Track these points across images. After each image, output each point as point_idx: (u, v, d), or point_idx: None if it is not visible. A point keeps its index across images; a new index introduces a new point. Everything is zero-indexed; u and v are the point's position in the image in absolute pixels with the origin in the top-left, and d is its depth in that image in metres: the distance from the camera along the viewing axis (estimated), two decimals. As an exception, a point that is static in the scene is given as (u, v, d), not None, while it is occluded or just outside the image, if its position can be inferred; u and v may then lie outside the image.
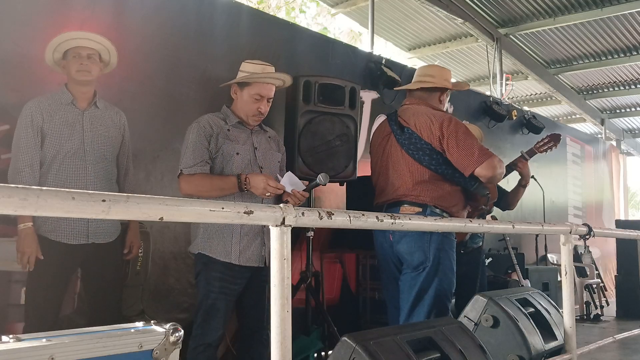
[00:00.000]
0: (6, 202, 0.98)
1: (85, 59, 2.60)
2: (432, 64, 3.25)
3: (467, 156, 2.69)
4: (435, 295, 2.66)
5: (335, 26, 14.04)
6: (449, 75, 3.07)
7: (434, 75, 3.00)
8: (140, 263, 3.00)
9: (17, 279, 2.69)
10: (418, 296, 2.68)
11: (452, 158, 2.72)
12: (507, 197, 3.86)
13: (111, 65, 2.74)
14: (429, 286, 2.67)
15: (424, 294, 2.68)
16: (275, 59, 4.10)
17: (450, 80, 3.05)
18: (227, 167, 2.60)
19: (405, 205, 2.76)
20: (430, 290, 2.67)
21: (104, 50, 2.66)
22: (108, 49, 2.67)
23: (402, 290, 2.76)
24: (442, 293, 2.68)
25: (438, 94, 2.98)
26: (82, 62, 2.59)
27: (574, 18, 7.15)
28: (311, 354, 3.41)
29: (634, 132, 12.08)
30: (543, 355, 2.45)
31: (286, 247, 1.40)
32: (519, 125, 7.05)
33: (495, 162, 2.70)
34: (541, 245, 6.40)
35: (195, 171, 2.53)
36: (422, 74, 3.05)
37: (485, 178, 2.71)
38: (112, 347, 1.27)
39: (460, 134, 2.73)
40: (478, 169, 2.67)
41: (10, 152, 2.59)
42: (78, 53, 2.59)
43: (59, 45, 2.59)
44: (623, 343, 4.39)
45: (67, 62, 2.61)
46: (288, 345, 1.38)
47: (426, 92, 2.97)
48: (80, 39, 2.59)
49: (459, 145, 2.70)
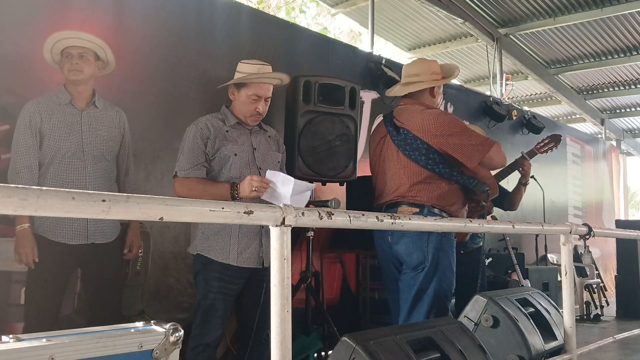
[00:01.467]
0: (6, 202, 0.98)
1: (77, 58, 2.59)
2: (416, 60, 3.11)
3: (470, 145, 2.68)
4: (434, 295, 2.66)
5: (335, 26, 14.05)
6: (435, 67, 2.96)
7: (419, 73, 2.92)
8: (140, 263, 3.00)
9: (17, 279, 2.69)
10: (417, 296, 2.68)
11: (454, 151, 2.70)
12: (509, 197, 3.85)
13: (111, 65, 2.74)
14: (427, 286, 2.67)
15: (422, 294, 2.67)
16: (275, 59, 4.10)
17: (437, 72, 2.94)
18: (225, 168, 2.59)
19: (403, 206, 2.75)
20: (429, 290, 2.66)
21: (98, 48, 2.65)
22: (101, 46, 2.66)
23: (401, 290, 2.76)
24: (442, 293, 2.68)
25: (428, 89, 2.92)
26: (73, 61, 2.59)
27: (574, 18, 7.15)
28: (311, 354, 3.41)
29: (634, 132, 12.08)
30: (543, 355, 2.45)
31: (286, 247, 1.40)
32: (519, 125, 7.05)
33: (500, 147, 2.73)
34: (541, 245, 6.40)
35: (190, 174, 2.54)
36: (407, 74, 2.97)
37: (492, 163, 2.74)
38: (112, 347, 1.27)
39: (458, 126, 2.74)
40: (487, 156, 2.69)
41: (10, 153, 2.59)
42: (69, 53, 2.59)
43: (53, 45, 2.59)
44: (623, 343, 4.39)
45: (62, 62, 2.62)
46: (288, 345, 1.38)
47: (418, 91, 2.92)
48: (71, 38, 2.59)
49: (461, 136, 2.70)
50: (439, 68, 2.97)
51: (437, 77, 2.93)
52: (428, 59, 3.10)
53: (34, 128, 2.52)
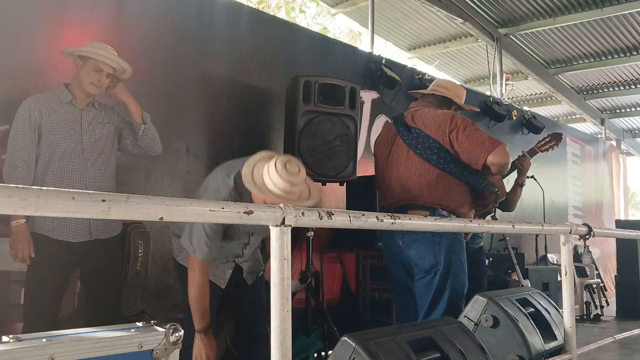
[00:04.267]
0: (6, 202, 0.98)
1: (104, 77, 2.65)
2: (449, 80, 3.30)
3: (478, 145, 2.71)
4: (449, 297, 2.70)
5: (335, 26, 14.05)
6: (462, 93, 3.09)
7: (448, 88, 3.04)
8: (140, 263, 3.00)
9: (17, 279, 2.69)
10: (434, 299, 2.71)
11: (462, 149, 2.73)
12: (506, 199, 3.84)
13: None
14: (443, 288, 2.71)
15: (439, 297, 2.71)
16: (275, 59, 4.11)
17: (462, 98, 3.07)
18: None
19: (414, 209, 2.77)
20: (445, 293, 2.70)
21: (121, 70, 2.72)
22: (126, 70, 2.73)
23: (418, 296, 2.79)
24: (456, 294, 2.72)
25: (447, 105, 3.00)
26: (100, 78, 2.64)
27: (574, 18, 7.15)
28: (311, 354, 3.41)
29: (634, 132, 12.08)
30: (543, 355, 2.45)
31: (286, 247, 1.40)
32: (519, 125, 7.05)
33: (505, 149, 2.74)
34: (541, 245, 6.39)
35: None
36: (437, 84, 3.09)
37: (497, 166, 2.73)
38: (112, 347, 1.28)
39: (468, 126, 2.76)
40: (490, 157, 2.69)
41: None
42: (100, 68, 2.63)
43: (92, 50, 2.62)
44: (623, 343, 4.39)
45: (83, 67, 2.63)
46: (288, 345, 1.37)
47: (437, 100, 3.00)
48: (111, 59, 2.64)
49: (469, 136, 2.72)
50: (464, 94, 3.11)
51: (460, 100, 3.04)
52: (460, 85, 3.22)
53: (33, 124, 2.53)
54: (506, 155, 2.73)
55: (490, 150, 2.69)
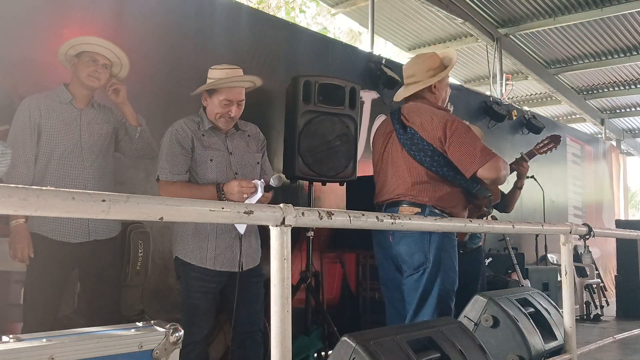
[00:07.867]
0: (6, 202, 0.98)
1: (100, 67, 2.63)
2: (412, 59, 3.04)
3: (469, 157, 2.63)
4: (438, 295, 2.65)
5: (335, 26, 14.07)
6: (429, 63, 2.90)
7: (414, 73, 2.90)
8: (140, 263, 3.00)
9: (17, 279, 2.69)
10: (422, 297, 2.67)
11: (453, 159, 2.67)
12: (504, 200, 3.83)
13: (118, 78, 2.77)
14: (432, 287, 2.66)
15: (427, 295, 2.67)
16: (275, 59, 4.11)
17: (433, 67, 2.89)
18: (202, 173, 2.63)
19: (404, 205, 2.74)
20: (434, 291, 2.66)
21: (118, 64, 2.70)
22: (123, 64, 2.71)
23: (406, 293, 2.75)
24: (445, 293, 2.68)
25: (428, 87, 2.88)
26: (96, 68, 2.62)
27: (574, 18, 7.15)
28: (311, 354, 3.41)
29: (634, 132, 12.08)
30: (543, 355, 2.45)
31: (286, 247, 1.40)
32: (519, 125, 7.05)
33: (499, 163, 2.63)
34: (541, 245, 6.40)
35: (175, 179, 2.58)
36: (405, 76, 2.97)
37: (488, 180, 2.66)
38: (112, 347, 1.28)
39: (462, 134, 2.68)
40: (480, 171, 2.61)
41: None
42: (95, 59, 2.62)
43: (78, 44, 2.61)
44: (623, 343, 4.39)
45: (79, 62, 2.62)
46: (288, 345, 1.37)
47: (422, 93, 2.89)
48: (102, 47, 2.62)
49: (461, 146, 2.65)
50: (435, 61, 2.92)
51: (432, 72, 2.88)
52: (423, 55, 3.02)
53: (33, 123, 2.54)
54: (498, 169, 2.62)
55: (482, 163, 2.61)
